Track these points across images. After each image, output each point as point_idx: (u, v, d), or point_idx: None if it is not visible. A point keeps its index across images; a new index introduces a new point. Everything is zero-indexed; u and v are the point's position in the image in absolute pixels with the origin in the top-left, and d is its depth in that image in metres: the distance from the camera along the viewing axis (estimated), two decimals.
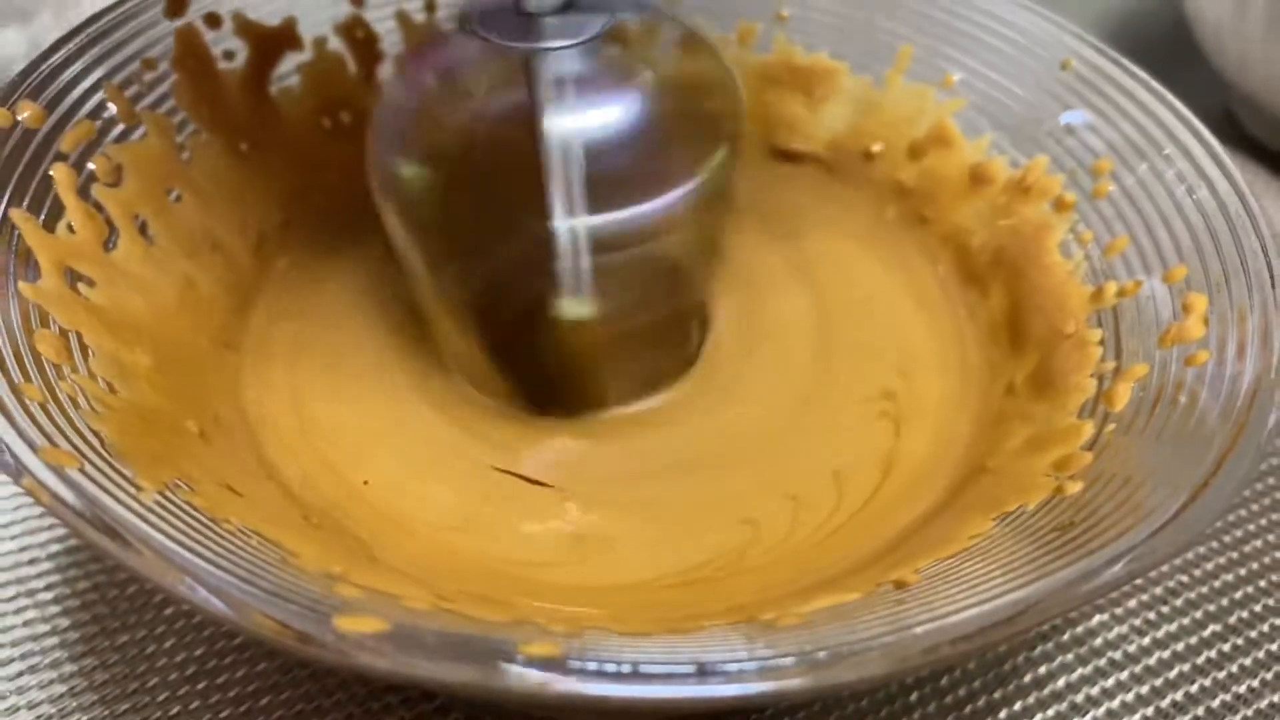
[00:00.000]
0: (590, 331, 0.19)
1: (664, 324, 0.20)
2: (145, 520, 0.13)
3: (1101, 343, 0.19)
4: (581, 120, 0.17)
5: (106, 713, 0.17)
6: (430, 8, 0.24)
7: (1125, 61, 0.21)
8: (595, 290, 0.18)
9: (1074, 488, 0.16)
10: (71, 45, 0.19)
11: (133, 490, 0.14)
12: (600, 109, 0.17)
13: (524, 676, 0.12)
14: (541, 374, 0.20)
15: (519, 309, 0.19)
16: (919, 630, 0.13)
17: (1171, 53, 0.30)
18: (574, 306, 0.18)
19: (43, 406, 0.15)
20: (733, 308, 0.22)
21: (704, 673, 0.12)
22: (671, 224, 0.18)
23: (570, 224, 0.17)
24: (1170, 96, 0.20)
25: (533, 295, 0.19)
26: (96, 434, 0.15)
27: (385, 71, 0.23)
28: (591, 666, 0.12)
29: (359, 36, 0.23)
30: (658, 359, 0.20)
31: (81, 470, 0.14)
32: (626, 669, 0.12)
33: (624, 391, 0.20)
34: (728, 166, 0.19)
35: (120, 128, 0.19)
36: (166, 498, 0.14)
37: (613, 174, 0.17)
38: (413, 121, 0.18)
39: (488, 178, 0.18)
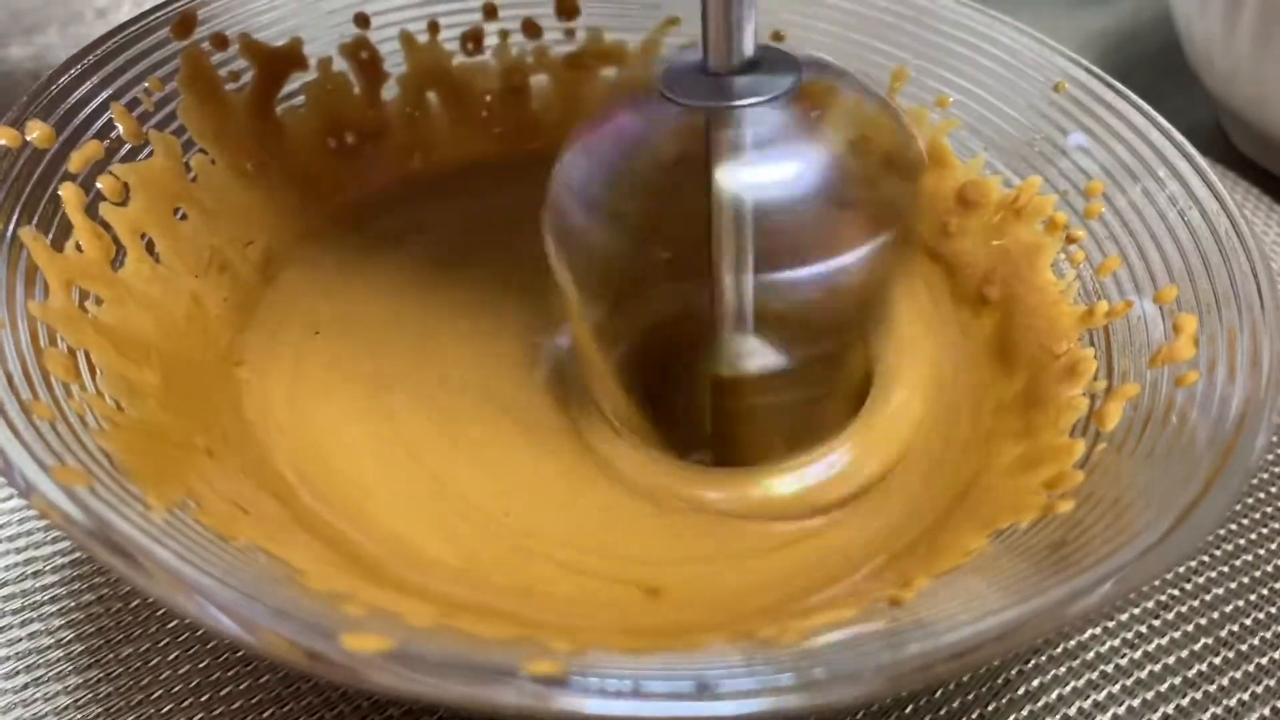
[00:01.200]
0: (749, 394, 0.19)
1: (827, 389, 0.20)
2: (155, 540, 0.14)
3: (1094, 361, 0.19)
4: (755, 178, 0.17)
5: None
6: (434, 29, 0.24)
7: (1117, 84, 0.22)
8: (755, 350, 0.18)
9: (1065, 506, 0.16)
10: (80, 65, 0.19)
11: (142, 509, 0.14)
12: (776, 168, 0.17)
13: (526, 693, 0.12)
14: (695, 429, 0.20)
15: (679, 364, 0.19)
16: (915, 648, 0.13)
17: (1162, 70, 0.30)
18: (733, 365, 0.18)
19: (52, 425, 0.15)
20: None
21: (703, 690, 0.12)
22: (840, 289, 0.18)
23: (734, 280, 0.17)
24: (1162, 119, 0.21)
25: (693, 352, 0.19)
26: (105, 453, 0.15)
27: (388, 96, 0.24)
28: (593, 684, 0.12)
29: (363, 57, 0.23)
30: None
31: (91, 490, 0.14)
32: (627, 686, 0.12)
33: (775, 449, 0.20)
34: (902, 238, 0.19)
35: (127, 147, 0.20)
36: (176, 516, 0.14)
37: (784, 235, 0.17)
38: (595, 183, 0.18)
39: (665, 235, 0.18)
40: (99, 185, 0.19)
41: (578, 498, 0.19)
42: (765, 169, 0.17)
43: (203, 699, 0.18)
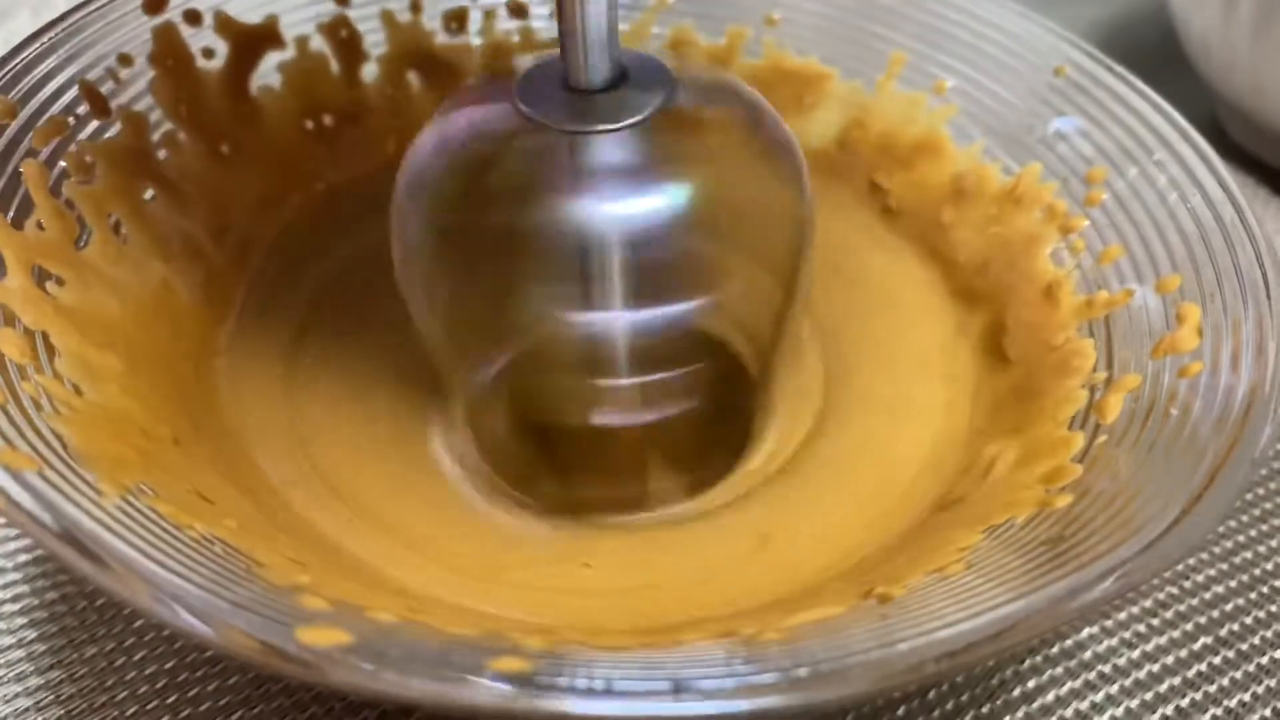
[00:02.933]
0: (628, 433, 0.18)
1: (712, 427, 0.19)
2: (105, 526, 0.13)
3: (1093, 352, 0.18)
4: (627, 208, 0.16)
5: None
6: (415, 8, 0.24)
7: (1118, 68, 0.21)
8: (634, 385, 0.17)
9: (1064, 500, 0.16)
10: (45, 40, 0.19)
11: (93, 495, 0.14)
12: (648, 197, 0.16)
13: (493, 692, 0.12)
14: (572, 471, 0.19)
15: (550, 401, 0.18)
16: (904, 646, 0.13)
17: (1159, 61, 0.30)
18: (610, 402, 0.17)
19: (2, 408, 0.14)
20: None
21: (680, 690, 0.12)
22: (720, 320, 0.17)
23: (608, 316, 0.16)
24: (1163, 103, 0.20)
25: (564, 388, 0.18)
26: (59, 437, 0.15)
27: (367, 77, 0.23)
28: (564, 682, 0.12)
29: (343, 36, 0.23)
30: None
31: (40, 474, 0.13)
32: (599, 685, 0.12)
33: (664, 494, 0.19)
34: (787, 266, 0.18)
35: (94, 124, 0.19)
36: (129, 503, 0.14)
37: (658, 266, 0.16)
38: (443, 197, 0.17)
39: (520, 263, 0.16)
40: (62, 163, 0.18)
41: None
42: (633, 199, 0.16)
43: (169, 701, 0.17)
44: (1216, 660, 0.19)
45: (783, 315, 0.18)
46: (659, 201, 0.16)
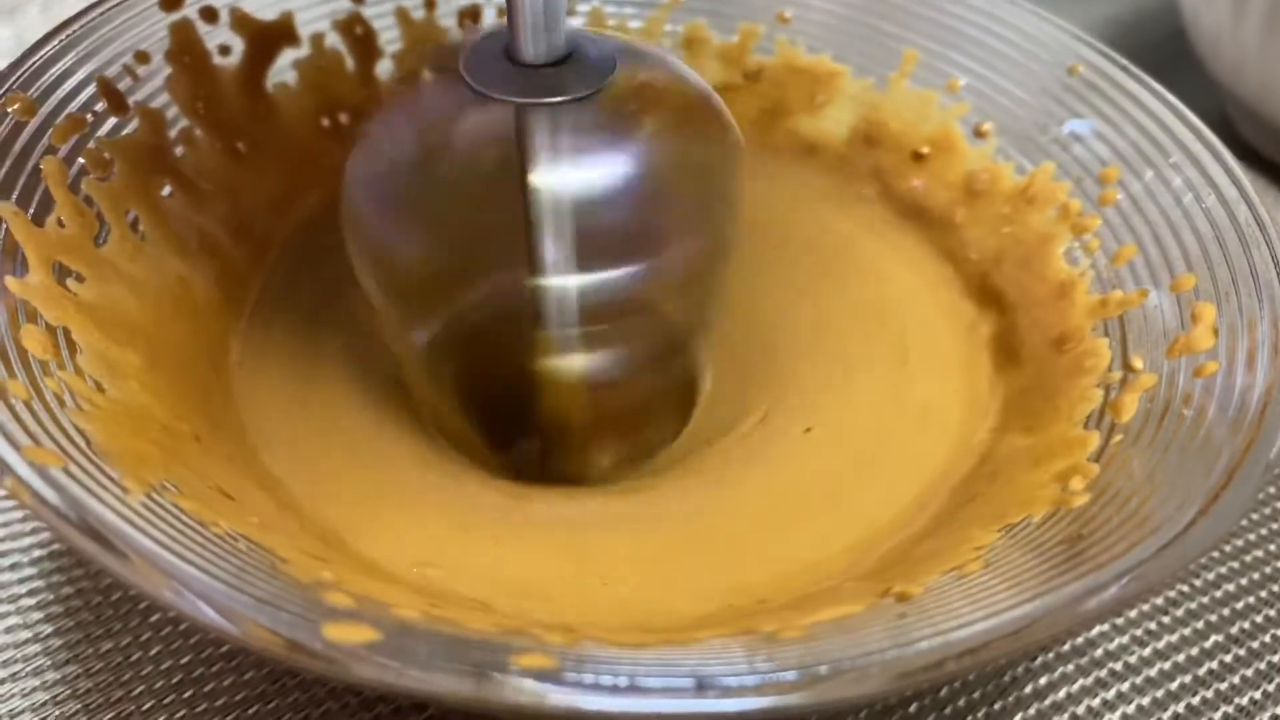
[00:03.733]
0: (575, 396, 0.18)
1: (655, 390, 0.19)
2: (131, 523, 0.13)
3: (1108, 352, 0.18)
4: (571, 177, 0.17)
5: None
6: (429, 5, 0.24)
7: (1132, 67, 0.21)
8: (581, 352, 0.18)
9: (1080, 500, 0.16)
10: (62, 37, 0.19)
11: (118, 492, 0.14)
12: (592, 167, 0.17)
13: (518, 689, 0.12)
14: (524, 441, 0.19)
15: (501, 370, 0.18)
16: (923, 645, 0.13)
17: (1168, 59, 0.30)
18: (559, 368, 0.18)
19: (27, 404, 0.14)
20: (731, 320, 0.21)
21: (702, 687, 0.12)
22: (665, 286, 0.17)
23: (557, 283, 0.17)
24: (1177, 102, 0.20)
25: (515, 356, 0.18)
26: (83, 433, 0.15)
27: (382, 74, 0.23)
28: (588, 679, 0.12)
29: (358, 33, 0.23)
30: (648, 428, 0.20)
31: (66, 470, 0.13)
32: (624, 682, 0.12)
33: (610, 463, 0.19)
34: (724, 228, 0.18)
35: (112, 121, 0.19)
36: (154, 499, 0.14)
37: (604, 233, 0.17)
38: (391, 172, 0.17)
39: (470, 234, 0.17)
40: (81, 160, 0.18)
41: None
42: (579, 169, 0.17)
43: (185, 695, 0.17)
44: (1227, 658, 0.19)
45: (713, 283, 0.19)
46: (597, 171, 0.17)
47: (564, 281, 0.17)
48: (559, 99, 0.16)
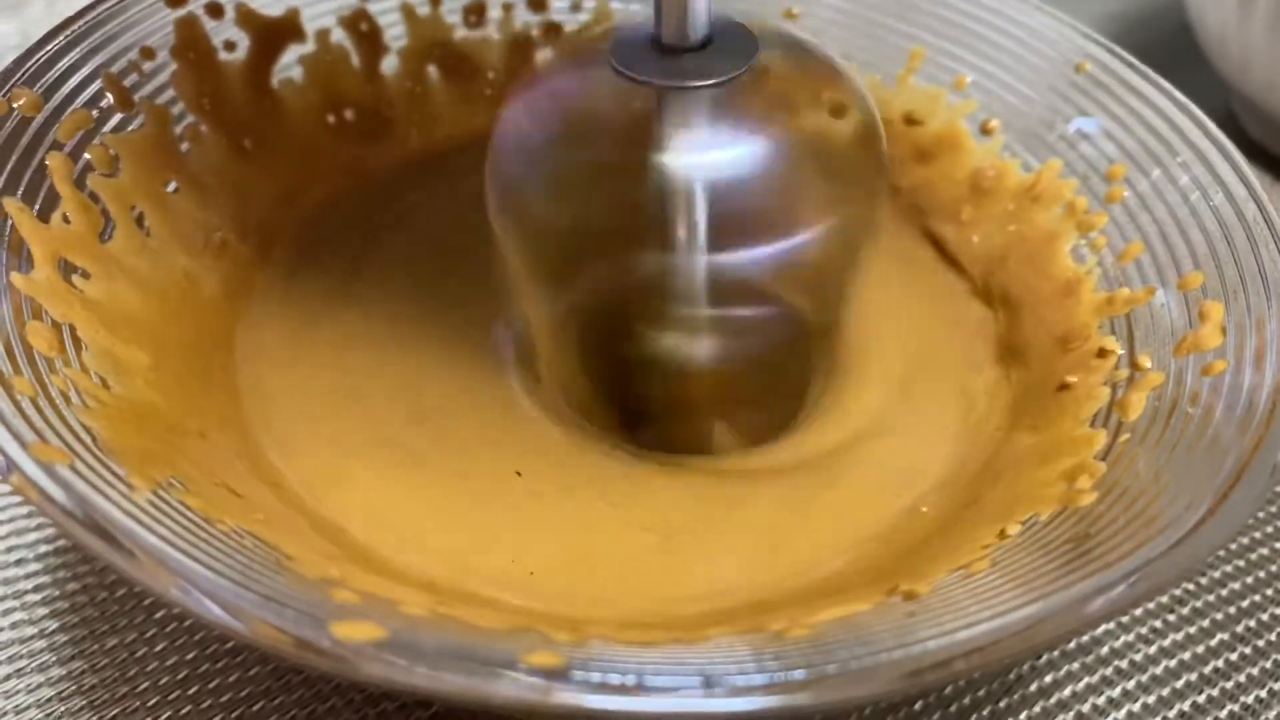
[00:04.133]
0: (700, 374, 0.19)
1: (778, 374, 0.20)
2: (137, 520, 0.13)
3: (1115, 350, 0.18)
4: (708, 161, 0.17)
5: (96, 717, 0.17)
6: (435, 1, 0.23)
7: (1140, 64, 0.21)
8: (710, 332, 0.18)
9: (1087, 499, 0.16)
10: (69, 32, 0.19)
11: (124, 489, 0.14)
12: (729, 151, 0.17)
13: (525, 687, 0.12)
14: (645, 411, 0.19)
15: (629, 344, 0.19)
16: (931, 644, 0.13)
17: (1174, 56, 0.29)
18: (685, 346, 0.18)
19: (33, 401, 0.14)
20: None
21: (710, 686, 0.12)
22: (794, 277, 0.18)
23: (688, 261, 0.17)
24: (1185, 100, 0.20)
25: (643, 330, 0.18)
26: (89, 430, 0.15)
27: (388, 70, 0.23)
28: (595, 678, 0.12)
29: (363, 29, 0.23)
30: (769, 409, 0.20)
31: (72, 467, 0.13)
32: (631, 681, 0.12)
33: (729, 440, 0.19)
34: (861, 220, 0.18)
35: (118, 117, 0.19)
36: (160, 496, 0.14)
37: (736, 217, 0.17)
38: (541, 146, 0.18)
39: (609, 210, 0.17)
40: (87, 156, 0.18)
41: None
42: (717, 152, 0.17)
43: (190, 692, 0.17)
44: (1233, 656, 0.19)
45: (849, 274, 0.19)
46: (743, 153, 0.17)
47: (694, 260, 0.17)
48: (700, 83, 0.16)
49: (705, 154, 0.17)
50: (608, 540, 0.17)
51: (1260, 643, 0.19)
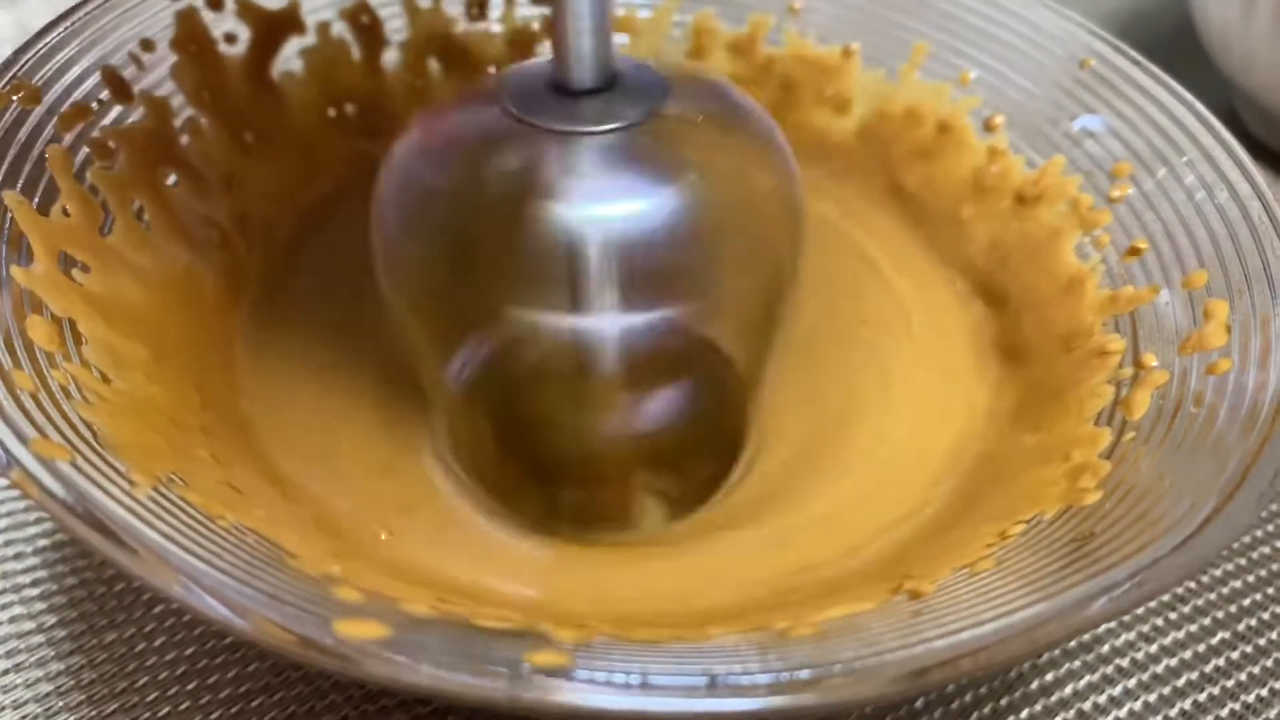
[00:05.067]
0: (615, 440, 0.18)
1: (698, 437, 0.19)
2: (138, 517, 0.13)
3: (1119, 349, 0.18)
4: (616, 211, 0.15)
5: (94, 713, 0.17)
6: None
7: (1144, 61, 0.21)
8: (622, 392, 0.17)
9: (1091, 498, 0.16)
10: (67, 25, 0.19)
11: (125, 485, 0.13)
12: (638, 200, 0.16)
13: (530, 685, 0.12)
14: (559, 485, 0.18)
15: (537, 409, 0.18)
16: (935, 644, 0.13)
17: (1176, 54, 0.29)
18: (596, 408, 0.17)
19: (33, 396, 0.14)
20: None
21: (715, 685, 0.12)
22: (716, 328, 0.17)
23: (598, 321, 0.16)
24: (1190, 97, 0.20)
25: (551, 395, 0.18)
26: (89, 425, 0.14)
27: (388, 64, 0.23)
28: (600, 677, 0.12)
29: (364, 22, 0.23)
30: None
31: (73, 463, 0.13)
32: (635, 680, 0.12)
33: (650, 511, 0.18)
34: (780, 268, 0.17)
35: (117, 110, 0.19)
36: (161, 493, 0.14)
37: (650, 271, 0.16)
38: (428, 199, 0.16)
39: (508, 267, 0.16)
40: (86, 149, 0.18)
41: None
42: (613, 203, 0.16)
43: (189, 687, 0.17)
44: (1235, 655, 0.19)
45: (773, 319, 0.18)
46: (646, 205, 0.16)
47: (607, 322, 0.16)
48: (605, 127, 0.15)
49: (601, 204, 0.16)
50: None
51: (1260, 641, 0.19)
